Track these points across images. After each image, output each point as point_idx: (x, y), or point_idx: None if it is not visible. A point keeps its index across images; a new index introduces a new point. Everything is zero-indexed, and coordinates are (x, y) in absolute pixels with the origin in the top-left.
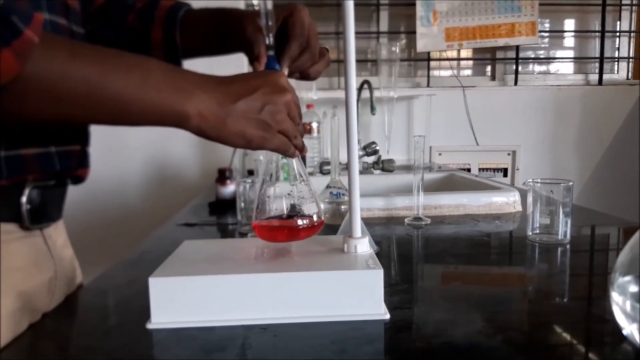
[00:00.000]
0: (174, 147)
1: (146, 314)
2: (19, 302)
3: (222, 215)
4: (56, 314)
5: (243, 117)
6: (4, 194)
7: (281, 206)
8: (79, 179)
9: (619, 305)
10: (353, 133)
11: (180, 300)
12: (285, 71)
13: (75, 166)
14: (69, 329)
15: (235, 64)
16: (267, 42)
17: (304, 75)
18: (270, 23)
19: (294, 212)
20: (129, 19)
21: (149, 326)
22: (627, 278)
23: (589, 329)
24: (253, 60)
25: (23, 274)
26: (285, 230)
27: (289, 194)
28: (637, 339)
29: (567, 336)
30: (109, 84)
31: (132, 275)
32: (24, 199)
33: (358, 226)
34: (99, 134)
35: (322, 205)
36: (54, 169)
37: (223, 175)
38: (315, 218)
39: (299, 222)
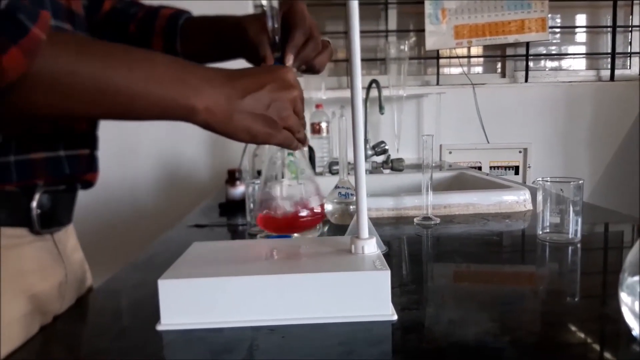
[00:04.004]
0: (184, 149)
1: (156, 316)
2: (30, 305)
3: (232, 216)
4: (67, 316)
5: (250, 113)
6: (14, 199)
7: (284, 198)
8: (88, 184)
9: (628, 305)
10: (359, 133)
11: (189, 301)
12: (291, 60)
13: (84, 170)
14: (80, 331)
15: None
16: (273, 43)
17: (309, 67)
18: (276, 25)
19: (297, 203)
20: (130, 28)
21: (159, 328)
22: (636, 278)
23: (599, 330)
24: (259, 63)
25: (34, 277)
26: (287, 221)
27: (291, 186)
28: None
29: (576, 337)
30: (115, 78)
31: (142, 277)
32: (34, 204)
33: (365, 227)
34: (109, 136)
35: (329, 206)
36: (63, 173)
37: (233, 177)
38: (316, 210)
39: (301, 213)
